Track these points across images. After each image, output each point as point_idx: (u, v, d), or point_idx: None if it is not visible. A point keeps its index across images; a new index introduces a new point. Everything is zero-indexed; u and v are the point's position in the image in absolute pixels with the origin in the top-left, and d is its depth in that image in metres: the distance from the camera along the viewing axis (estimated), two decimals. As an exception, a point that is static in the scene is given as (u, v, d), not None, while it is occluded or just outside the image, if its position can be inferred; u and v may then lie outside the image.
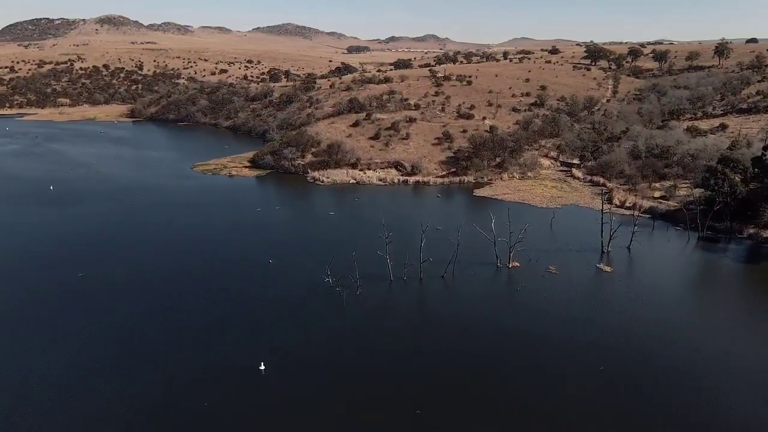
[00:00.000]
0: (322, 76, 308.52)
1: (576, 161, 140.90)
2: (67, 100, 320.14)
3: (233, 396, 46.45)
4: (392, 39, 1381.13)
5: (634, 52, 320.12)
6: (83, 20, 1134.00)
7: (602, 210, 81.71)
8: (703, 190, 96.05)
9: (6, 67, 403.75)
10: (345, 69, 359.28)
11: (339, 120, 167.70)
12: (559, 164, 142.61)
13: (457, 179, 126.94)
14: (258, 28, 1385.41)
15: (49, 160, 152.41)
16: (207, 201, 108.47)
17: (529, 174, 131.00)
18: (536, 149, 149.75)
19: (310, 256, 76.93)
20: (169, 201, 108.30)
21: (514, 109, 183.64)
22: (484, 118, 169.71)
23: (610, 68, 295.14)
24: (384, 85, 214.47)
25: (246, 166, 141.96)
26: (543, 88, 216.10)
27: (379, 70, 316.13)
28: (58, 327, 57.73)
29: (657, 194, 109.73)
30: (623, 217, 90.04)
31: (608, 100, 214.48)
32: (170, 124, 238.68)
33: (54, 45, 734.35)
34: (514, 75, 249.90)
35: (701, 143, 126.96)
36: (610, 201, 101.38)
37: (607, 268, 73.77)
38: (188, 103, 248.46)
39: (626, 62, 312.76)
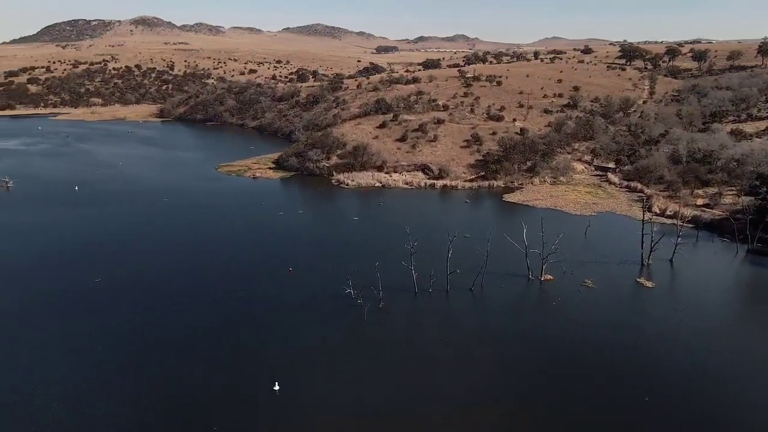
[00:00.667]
0: (350, 77, 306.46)
1: (611, 165, 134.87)
2: (100, 100, 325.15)
3: (244, 419, 43.50)
4: (421, 39, 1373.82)
5: (672, 51, 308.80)
6: (119, 21, 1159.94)
7: (643, 219, 76.28)
8: (752, 198, 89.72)
9: (43, 67, 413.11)
10: (373, 69, 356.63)
11: (365, 121, 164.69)
12: (593, 168, 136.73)
13: (486, 184, 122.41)
14: (288, 28, 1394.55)
15: (77, 160, 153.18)
16: (229, 204, 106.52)
17: (561, 179, 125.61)
18: (569, 153, 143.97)
19: (332, 265, 73.81)
20: (191, 203, 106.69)
21: (546, 111, 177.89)
22: (514, 119, 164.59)
23: (646, 68, 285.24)
24: (412, 85, 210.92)
25: (270, 168, 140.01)
26: (576, 88, 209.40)
27: (407, 71, 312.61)
28: (68, 331, 55.86)
29: (700, 202, 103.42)
30: (664, 227, 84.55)
31: (645, 102, 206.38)
32: (198, 124, 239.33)
33: (90, 45, 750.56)
34: (545, 75, 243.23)
35: (747, 147, 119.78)
36: (649, 209, 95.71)
37: (649, 283, 68.69)
38: (216, 103, 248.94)
39: (663, 62, 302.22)
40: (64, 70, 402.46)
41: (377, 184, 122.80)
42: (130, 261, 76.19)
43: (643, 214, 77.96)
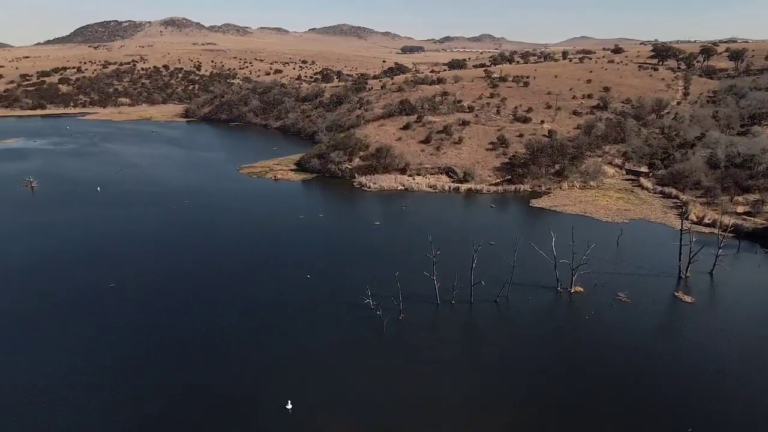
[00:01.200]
0: (374, 77, 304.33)
1: (644, 170, 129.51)
2: (127, 100, 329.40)
3: (255, 439, 41.19)
4: (447, 39, 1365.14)
5: (707, 50, 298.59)
6: (149, 22, 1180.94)
7: (682, 228, 71.72)
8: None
9: (74, 68, 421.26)
10: (397, 69, 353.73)
11: (389, 122, 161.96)
12: (624, 173, 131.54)
13: (512, 188, 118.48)
14: (314, 28, 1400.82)
15: (102, 160, 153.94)
16: (249, 206, 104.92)
17: (591, 183, 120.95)
18: (599, 156, 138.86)
19: (351, 272, 71.27)
20: (211, 205, 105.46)
21: (575, 112, 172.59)
22: (542, 121, 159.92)
23: (679, 68, 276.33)
24: (437, 86, 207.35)
25: (292, 170, 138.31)
26: (606, 89, 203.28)
27: (432, 71, 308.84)
28: (76, 333, 54.40)
29: (740, 209, 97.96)
30: (702, 236, 79.90)
31: (679, 103, 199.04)
32: (222, 125, 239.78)
33: (121, 46, 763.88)
34: (574, 75, 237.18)
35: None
36: (686, 217, 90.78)
37: (688, 298, 64.32)
38: (240, 104, 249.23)
39: (697, 62, 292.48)
40: (95, 70, 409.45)
41: (400, 188, 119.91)
42: (143, 264, 74.87)
43: (682, 223, 73.25)
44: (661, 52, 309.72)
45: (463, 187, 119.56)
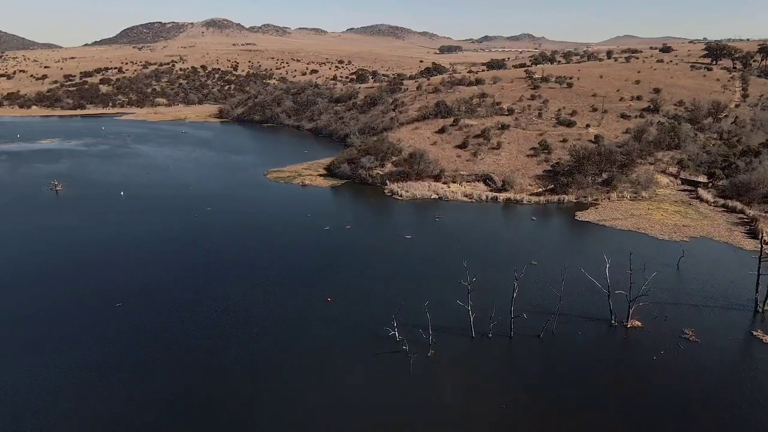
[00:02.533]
0: (410, 77, 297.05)
1: (702, 179, 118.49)
2: (164, 100, 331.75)
3: None
4: (485, 38, 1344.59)
5: (766, 49, 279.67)
6: (191, 23, 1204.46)
7: (761, 255, 61.86)
8: None
9: (115, 68, 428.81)
10: (434, 69, 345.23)
11: (424, 125, 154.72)
12: (679, 182, 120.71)
13: (555, 198, 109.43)
14: (351, 29, 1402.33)
15: (131, 163, 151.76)
16: (273, 215, 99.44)
17: (643, 194, 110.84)
18: (651, 163, 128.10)
19: (376, 297, 64.31)
20: (234, 212, 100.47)
21: (623, 116, 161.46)
22: (587, 125, 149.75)
23: (735, 68, 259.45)
24: (475, 87, 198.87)
25: (321, 175, 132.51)
26: (657, 90, 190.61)
27: (470, 71, 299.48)
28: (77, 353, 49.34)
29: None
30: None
31: (737, 105, 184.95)
32: (255, 126, 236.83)
33: (164, 47, 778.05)
34: (621, 76, 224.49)
35: None
36: (757, 237, 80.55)
37: None
38: (273, 105, 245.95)
39: (754, 61, 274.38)
40: (135, 70, 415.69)
41: (434, 196, 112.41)
42: (150, 275, 69.89)
43: (761, 248, 63.21)
44: (715, 51, 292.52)
45: (502, 196, 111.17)
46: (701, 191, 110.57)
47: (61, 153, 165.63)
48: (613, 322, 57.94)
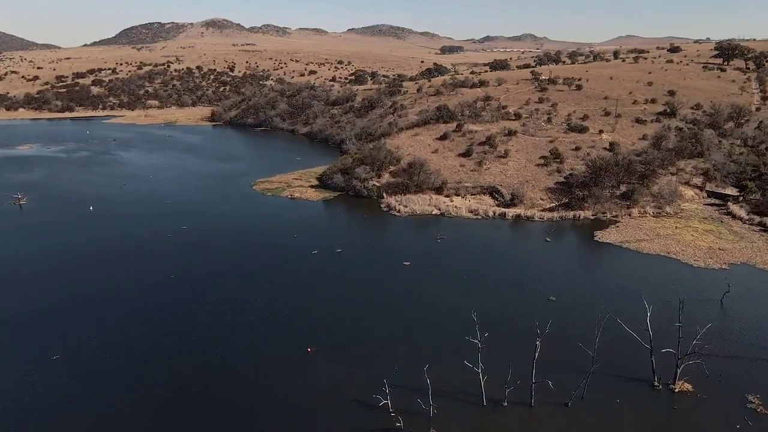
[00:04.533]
0: (411, 78, 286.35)
1: (730, 192, 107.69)
2: (156, 102, 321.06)
3: None
4: (487, 39, 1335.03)
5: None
6: (191, 24, 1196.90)
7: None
8: None
9: (109, 69, 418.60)
10: (436, 70, 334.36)
11: (424, 131, 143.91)
12: (705, 195, 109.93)
13: (570, 214, 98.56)
14: (352, 29, 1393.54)
15: (110, 172, 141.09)
16: (256, 234, 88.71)
17: (667, 209, 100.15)
18: (673, 174, 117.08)
19: (365, 349, 53.28)
20: (211, 231, 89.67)
21: (638, 120, 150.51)
22: (600, 131, 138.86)
23: (747, 68, 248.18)
24: (478, 89, 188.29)
25: (312, 186, 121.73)
26: (671, 93, 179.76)
27: (472, 72, 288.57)
28: None
29: None
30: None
31: (758, 109, 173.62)
32: (248, 129, 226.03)
33: (163, 47, 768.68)
34: (631, 77, 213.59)
35: None
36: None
37: None
38: (267, 107, 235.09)
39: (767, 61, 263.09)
40: (129, 71, 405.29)
41: (435, 212, 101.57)
42: (96, 319, 59.21)
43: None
44: (726, 51, 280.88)
45: (511, 212, 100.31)
46: (732, 206, 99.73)
47: (37, 160, 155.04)
48: (656, 384, 47.10)
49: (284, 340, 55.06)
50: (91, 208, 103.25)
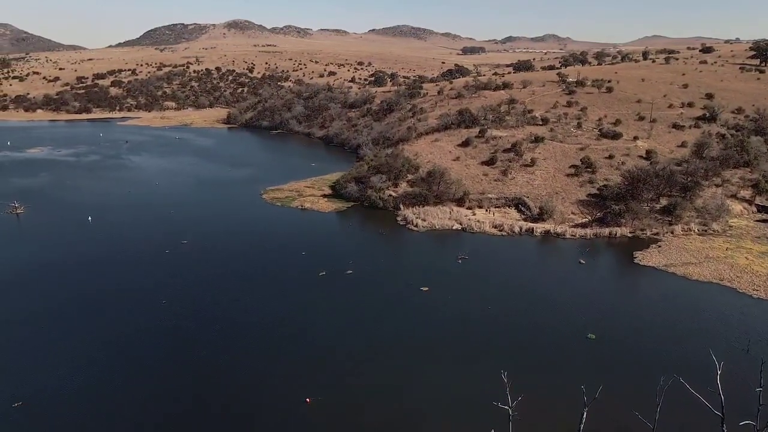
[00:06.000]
0: (431, 80, 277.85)
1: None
2: (173, 104, 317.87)
3: None
4: (509, 39, 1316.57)
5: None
6: (213, 25, 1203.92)
7: None
8: None
9: (129, 70, 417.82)
10: (457, 71, 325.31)
11: (445, 137, 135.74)
12: (755, 210, 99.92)
13: (605, 231, 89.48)
14: (373, 30, 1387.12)
15: (116, 177, 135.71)
16: (261, 252, 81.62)
17: (714, 226, 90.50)
18: (717, 185, 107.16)
19: (372, 406, 45.53)
20: (213, 247, 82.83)
21: (675, 126, 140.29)
22: (635, 137, 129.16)
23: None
24: (502, 91, 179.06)
25: (325, 195, 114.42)
26: (709, 96, 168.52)
27: (495, 73, 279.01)
28: None
29: None
30: None
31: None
32: (263, 132, 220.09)
33: (186, 48, 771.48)
34: (665, 79, 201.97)
35: None
36: None
37: None
38: (283, 109, 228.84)
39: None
40: (148, 72, 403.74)
41: (456, 227, 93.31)
42: (72, 347, 52.43)
43: None
44: (764, 51, 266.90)
45: (539, 228, 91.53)
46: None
47: (45, 164, 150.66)
48: (728, 460, 38.31)
49: (286, 385, 47.53)
50: (89, 218, 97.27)
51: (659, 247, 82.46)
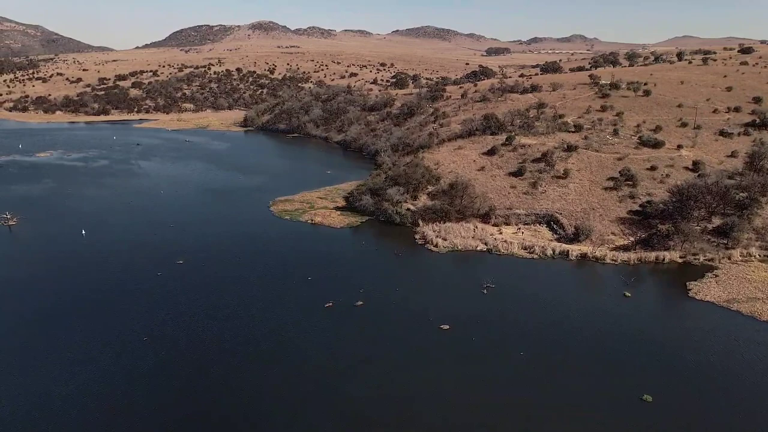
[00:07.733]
0: (455, 82, 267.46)
1: None
2: (191, 105, 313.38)
3: None
4: (534, 40, 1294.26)
5: None
6: (238, 26, 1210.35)
7: None
8: None
9: (150, 71, 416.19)
10: (481, 73, 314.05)
11: (468, 144, 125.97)
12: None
13: (651, 255, 78.73)
14: (397, 31, 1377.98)
15: (121, 184, 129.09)
16: (261, 277, 73.28)
17: (777, 251, 79.13)
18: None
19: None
20: (210, 272, 74.64)
21: (723, 133, 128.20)
22: (679, 146, 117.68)
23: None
24: (530, 95, 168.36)
25: (338, 207, 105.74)
26: (757, 100, 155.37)
27: (521, 75, 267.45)
28: None
29: None
30: None
31: None
32: (280, 136, 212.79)
33: (211, 49, 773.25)
34: (705, 81, 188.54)
35: None
36: None
37: None
38: (301, 112, 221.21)
39: None
40: (170, 74, 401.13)
41: (480, 247, 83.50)
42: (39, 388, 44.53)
43: None
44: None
45: (575, 250, 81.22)
46: None
47: (51, 170, 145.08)
48: None
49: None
50: (83, 232, 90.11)
51: (716, 276, 71.61)
